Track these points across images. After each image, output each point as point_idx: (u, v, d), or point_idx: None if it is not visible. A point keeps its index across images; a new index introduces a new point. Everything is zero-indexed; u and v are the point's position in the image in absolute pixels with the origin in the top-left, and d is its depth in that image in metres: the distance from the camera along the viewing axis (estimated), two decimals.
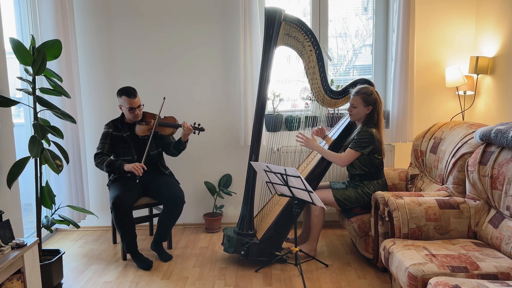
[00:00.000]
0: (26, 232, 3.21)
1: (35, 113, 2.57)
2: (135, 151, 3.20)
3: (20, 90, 2.64)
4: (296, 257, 2.85)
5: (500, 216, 2.35)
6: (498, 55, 3.35)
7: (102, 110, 3.77)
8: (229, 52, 3.72)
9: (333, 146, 3.15)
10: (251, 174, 3.04)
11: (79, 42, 3.62)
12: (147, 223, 3.80)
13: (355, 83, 3.20)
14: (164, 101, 3.18)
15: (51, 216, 2.80)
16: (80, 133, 3.48)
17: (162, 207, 3.17)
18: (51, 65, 2.94)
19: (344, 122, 3.26)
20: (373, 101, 2.94)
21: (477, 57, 3.42)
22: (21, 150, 2.73)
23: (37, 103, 2.57)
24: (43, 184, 2.69)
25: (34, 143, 2.46)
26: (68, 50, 3.29)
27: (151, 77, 3.76)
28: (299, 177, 2.51)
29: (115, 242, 3.54)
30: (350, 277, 2.86)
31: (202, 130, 3.20)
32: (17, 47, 2.43)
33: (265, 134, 3.64)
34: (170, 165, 3.48)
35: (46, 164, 2.58)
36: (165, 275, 2.95)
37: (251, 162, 2.93)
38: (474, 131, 2.67)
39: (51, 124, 2.71)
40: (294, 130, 3.76)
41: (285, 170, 2.59)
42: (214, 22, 3.69)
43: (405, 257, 2.17)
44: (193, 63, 3.75)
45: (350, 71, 4.05)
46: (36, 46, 2.53)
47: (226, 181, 3.83)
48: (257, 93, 2.98)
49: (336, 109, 3.45)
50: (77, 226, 2.85)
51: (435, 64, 3.74)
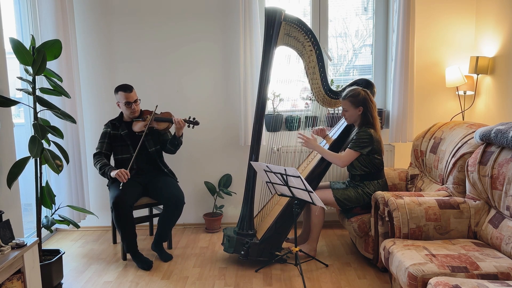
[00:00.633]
0: (26, 232, 3.21)
1: (35, 113, 2.57)
2: (133, 149, 3.21)
3: (20, 90, 2.64)
4: (296, 257, 2.85)
5: (500, 216, 2.35)
6: (498, 55, 3.35)
7: (102, 110, 3.77)
8: (229, 52, 3.72)
9: (333, 147, 3.15)
10: (251, 174, 3.04)
11: (79, 42, 3.62)
12: (147, 223, 3.79)
13: (355, 83, 3.21)
14: (156, 108, 3.25)
15: (51, 216, 2.80)
16: (80, 133, 3.49)
17: (162, 208, 3.17)
18: (51, 65, 2.94)
19: (344, 123, 3.26)
20: (362, 101, 2.94)
21: (477, 57, 3.42)
22: (21, 150, 2.72)
23: (37, 103, 2.57)
24: (43, 184, 2.69)
25: (34, 143, 2.46)
26: (68, 50, 3.29)
27: (151, 77, 3.77)
28: (299, 177, 2.51)
29: (115, 242, 3.54)
30: (350, 277, 2.85)
31: (197, 124, 3.21)
32: (17, 47, 2.43)
33: (265, 134, 3.64)
34: (171, 165, 3.48)
35: (46, 164, 2.58)
36: (165, 275, 2.95)
37: (251, 162, 2.93)
38: (474, 131, 2.67)
39: (51, 124, 2.71)
40: (294, 130, 3.76)
41: (285, 170, 2.59)
42: (214, 23, 3.69)
43: (405, 257, 2.17)
44: (193, 63, 3.75)
45: (350, 71, 4.05)
46: (36, 46, 2.53)
47: (226, 181, 3.83)
48: (257, 93, 2.98)
49: (336, 109, 3.44)
50: (77, 226, 2.85)
51: (435, 64, 3.74)
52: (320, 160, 3.11)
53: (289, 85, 3.69)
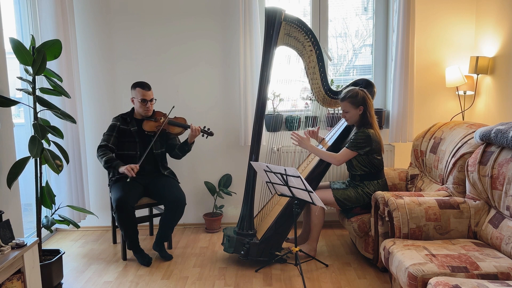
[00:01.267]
0: (26, 232, 3.21)
1: (35, 113, 2.57)
2: (139, 147, 3.21)
3: (20, 90, 2.64)
4: (296, 257, 2.85)
5: (500, 216, 2.35)
6: (498, 55, 3.35)
7: (102, 110, 3.77)
8: (229, 52, 3.72)
9: (333, 147, 3.15)
10: (251, 174, 3.04)
11: (79, 42, 3.62)
12: (147, 223, 3.79)
13: (355, 83, 3.21)
14: (173, 109, 3.27)
15: (51, 216, 2.80)
16: (80, 133, 3.48)
17: (164, 209, 3.17)
18: (51, 65, 2.94)
19: (344, 123, 3.26)
20: (362, 100, 2.95)
21: (477, 57, 3.42)
22: (21, 150, 2.72)
23: (37, 103, 2.57)
24: (43, 184, 2.69)
25: (34, 143, 2.46)
26: (68, 50, 3.29)
27: (151, 77, 3.75)
28: (299, 177, 2.51)
29: (115, 242, 3.54)
30: (350, 277, 2.86)
31: (211, 135, 3.24)
32: (17, 47, 2.43)
33: (265, 134, 3.64)
34: (171, 165, 3.48)
35: (46, 164, 2.58)
36: (165, 275, 2.95)
37: (251, 162, 2.93)
38: (474, 131, 2.67)
39: (51, 124, 2.71)
40: (294, 130, 3.76)
41: (285, 170, 2.59)
42: (214, 22, 3.69)
43: (405, 257, 2.17)
44: (193, 63, 3.75)
45: (350, 71, 4.05)
46: (36, 46, 2.53)
47: (226, 181, 3.83)
48: (257, 93, 2.98)
49: (336, 109, 3.45)
50: (77, 226, 2.85)
51: (435, 64, 3.74)
52: (320, 160, 3.11)
53: (289, 85, 3.69)
